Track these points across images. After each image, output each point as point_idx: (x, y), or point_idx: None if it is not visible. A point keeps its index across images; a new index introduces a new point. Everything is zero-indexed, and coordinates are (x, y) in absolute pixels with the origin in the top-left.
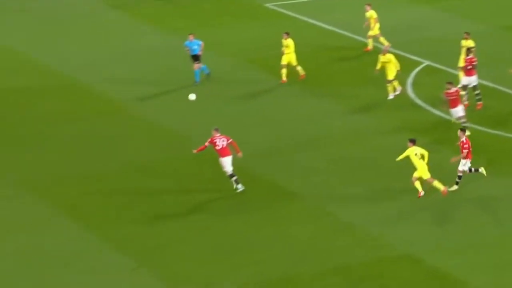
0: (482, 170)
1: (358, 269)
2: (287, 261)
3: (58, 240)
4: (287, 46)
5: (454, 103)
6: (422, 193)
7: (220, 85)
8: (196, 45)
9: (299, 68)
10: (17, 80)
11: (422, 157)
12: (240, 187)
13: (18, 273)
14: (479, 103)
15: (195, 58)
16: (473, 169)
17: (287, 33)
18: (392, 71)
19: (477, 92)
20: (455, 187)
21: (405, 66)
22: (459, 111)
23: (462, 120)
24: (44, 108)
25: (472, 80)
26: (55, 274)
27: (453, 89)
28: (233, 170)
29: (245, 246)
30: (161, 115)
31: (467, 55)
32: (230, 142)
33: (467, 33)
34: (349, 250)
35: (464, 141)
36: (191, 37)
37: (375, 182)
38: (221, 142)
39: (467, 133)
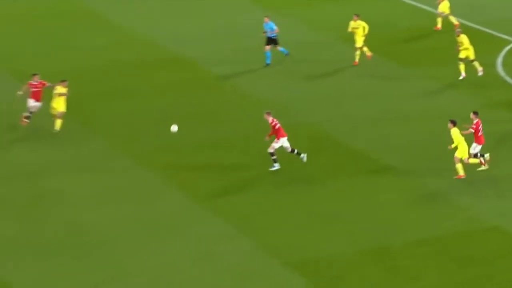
0: (487, 156)
1: (447, 239)
2: (379, 231)
3: (166, 208)
4: (357, 28)
5: None
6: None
7: (312, 62)
8: (270, 28)
9: (365, 49)
10: (125, 54)
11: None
12: (276, 165)
13: (130, 238)
14: None
15: (270, 40)
16: (479, 154)
17: (357, 15)
18: (464, 51)
19: None
20: (483, 167)
21: (495, 45)
22: None
23: None
24: (151, 81)
25: None
26: (162, 240)
27: None
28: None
29: (339, 216)
30: (260, 90)
31: None
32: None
33: None
34: (438, 221)
35: (475, 125)
36: (266, 19)
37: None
38: (279, 123)
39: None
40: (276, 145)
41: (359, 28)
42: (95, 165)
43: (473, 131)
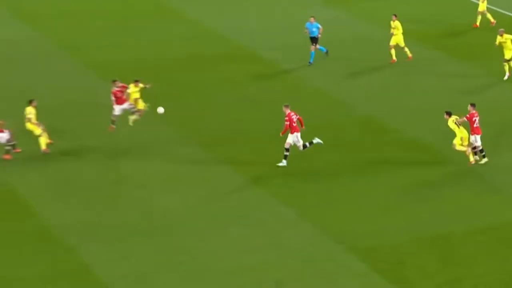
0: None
1: (506, 229)
2: (440, 220)
3: (232, 194)
4: (395, 28)
5: None
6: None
7: (371, 57)
8: (315, 28)
9: (406, 49)
10: (198, 47)
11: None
12: (285, 162)
13: (198, 222)
14: None
15: (313, 40)
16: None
17: (395, 15)
18: (509, 51)
19: None
20: (484, 159)
21: None
22: None
23: None
24: (221, 73)
25: None
26: (229, 225)
27: None
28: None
29: (402, 205)
30: (323, 82)
31: None
32: (299, 118)
33: None
34: (497, 210)
35: (469, 115)
36: (312, 19)
37: None
38: (295, 117)
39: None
40: (289, 140)
41: (396, 28)
42: (166, 152)
43: (466, 120)
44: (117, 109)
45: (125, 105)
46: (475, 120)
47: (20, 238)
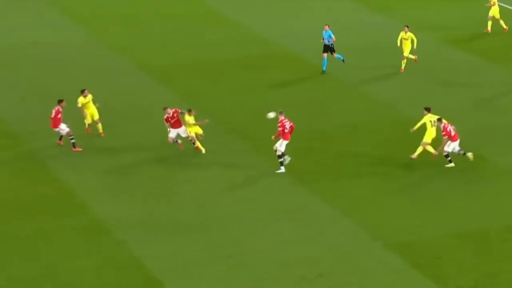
0: (469, 155)
1: None
2: (476, 216)
3: (279, 191)
4: (406, 39)
5: None
6: (435, 153)
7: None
8: (328, 36)
9: (410, 56)
10: (242, 50)
11: (434, 123)
12: (283, 169)
13: (248, 218)
14: None
15: (326, 47)
16: (462, 152)
17: (407, 26)
18: None
19: None
20: (450, 164)
21: None
22: None
23: None
24: (265, 74)
25: None
26: (276, 220)
27: None
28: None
29: (439, 202)
30: (367, 84)
31: None
32: (291, 126)
33: None
34: None
35: (442, 128)
36: (326, 27)
37: None
38: (288, 124)
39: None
40: (279, 146)
41: (408, 40)
42: (216, 149)
43: (447, 136)
44: (173, 133)
45: (181, 130)
46: (450, 130)
47: (75, 232)
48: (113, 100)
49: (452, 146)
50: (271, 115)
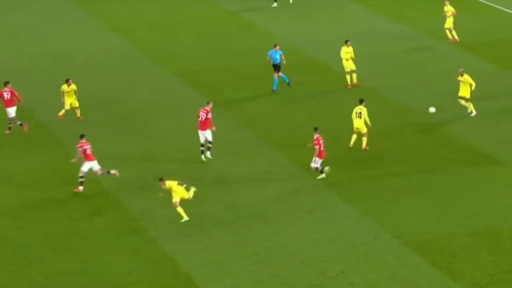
0: (326, 170)
1: None
2: (492, 215)
3: (303, 192)
4: (349, 53)
5: None
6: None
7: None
8: (278, 55)
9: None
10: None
11: (360, 115)
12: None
13: (274, 216)
14: None
15: (276, 67)
16: (320, 168)
17: (348, 40)
18: None
19: None
20: (322, 175)
21: None
22: None
23: None
24: (292, 80)
25: None
26: (300, 219)
27: None
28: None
29: (455, 202)
30: (391, 91)
31: None
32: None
33: None
34: None
35: (315, 139)
36: (277, 47)
37: None
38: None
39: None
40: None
41: (350, 53)
42: (246, 151)
43: (317, 147)
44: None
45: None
46: (321, 143)
47: (109, 229)
48: (145, 104)
49: (318, 162)
50: (432, 109)
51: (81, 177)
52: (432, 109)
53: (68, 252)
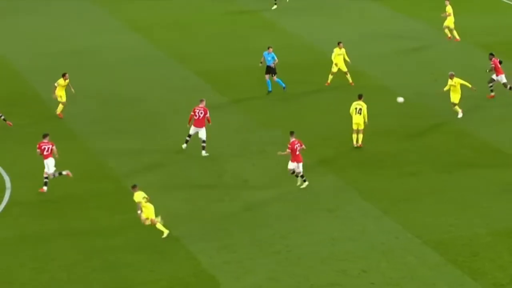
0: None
1: None
2: (511, 216)
3: (323, 191)
4: (341, 54)
5: None
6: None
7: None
8: (271, 57)
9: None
10: (291, 56)
11: (360, 111)
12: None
13: (292, 215)
14: None
15: (268, 69)
16: (296, 172)
17: (340, 42)
18: None
19: None
20: (305, 184)
21: None
22: None
23: None
24: (311, 79)
25: None
26: (321, 218)
27: None
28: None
29: (476, 202)
30: (407, 92)
31: None
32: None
33: None
34: None
35: (290, 143)
36: (270, 49)
37: None
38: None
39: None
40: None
41: (342, 55)
42: (266, 150)
43: (289, 151)
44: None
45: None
46: (297, 148)
47: (130, 227)
48: (168, 102)
49: (292, 166)
50: (400, 99)
51: (46, 177)
52: (400, 99)
53: (89, 251)
